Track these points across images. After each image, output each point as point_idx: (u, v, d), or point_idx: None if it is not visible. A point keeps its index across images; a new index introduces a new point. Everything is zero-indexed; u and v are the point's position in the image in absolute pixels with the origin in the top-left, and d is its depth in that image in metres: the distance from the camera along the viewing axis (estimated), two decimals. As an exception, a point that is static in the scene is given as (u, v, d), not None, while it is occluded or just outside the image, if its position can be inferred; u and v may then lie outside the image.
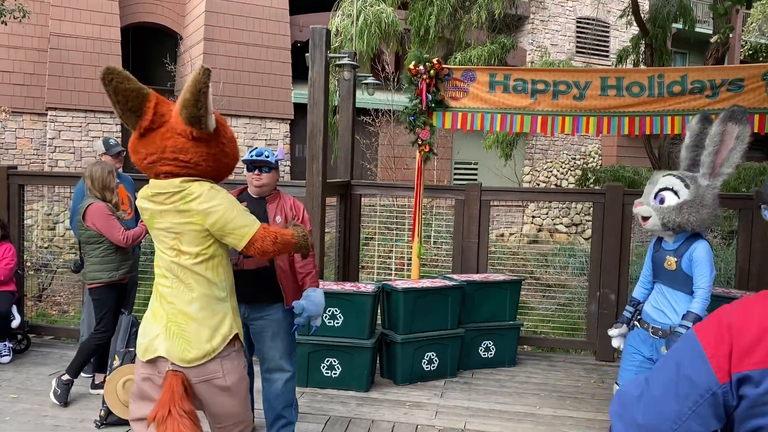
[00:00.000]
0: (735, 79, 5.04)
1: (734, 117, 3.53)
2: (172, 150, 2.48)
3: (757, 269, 5.44)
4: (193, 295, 2.54)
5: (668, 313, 3.55)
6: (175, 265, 2.55)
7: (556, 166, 17.05)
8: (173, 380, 2.48)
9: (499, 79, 5.41)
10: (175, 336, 2.53)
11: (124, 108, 2.44)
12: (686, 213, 3.45)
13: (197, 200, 2.49)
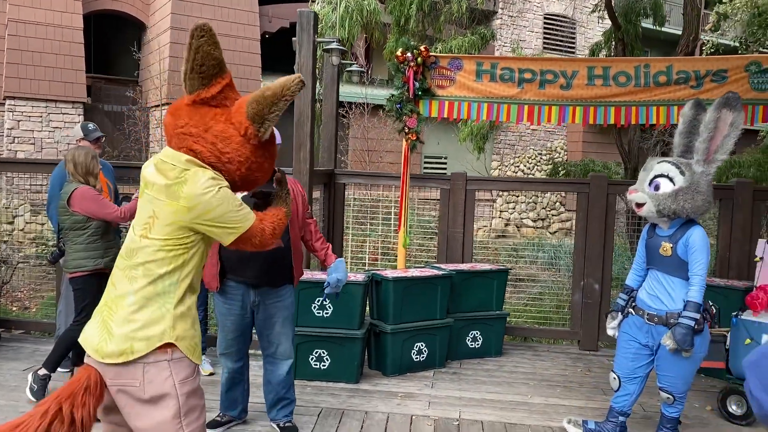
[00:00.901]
0: (719, 70, 5.11)
1: (729, 103, 3.55)
2: (217, 134, 2.26)
3: (737, 259, 5.54)
4: (134, 286, 2.23)
5: (664, 299, 3.56)
6: (136, 248, 2.27)
7: (524, 161, 17.20)
8: (82, 374, 2.19)
9: (486, 68, 5.37)
10: (101, 322, 2.24)
11: (195, 69, 2.22)
12: (681, 200, 3.46)
13: (189, 186, 2.23)
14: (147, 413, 2.20)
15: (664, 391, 3.64)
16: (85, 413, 2.11)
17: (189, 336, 2.29)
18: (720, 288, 5.03)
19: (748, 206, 5.50)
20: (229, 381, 3.70)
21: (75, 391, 2.12)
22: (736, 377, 4.18)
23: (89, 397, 2.15)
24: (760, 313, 4.14)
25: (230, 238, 2.30)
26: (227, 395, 3.75)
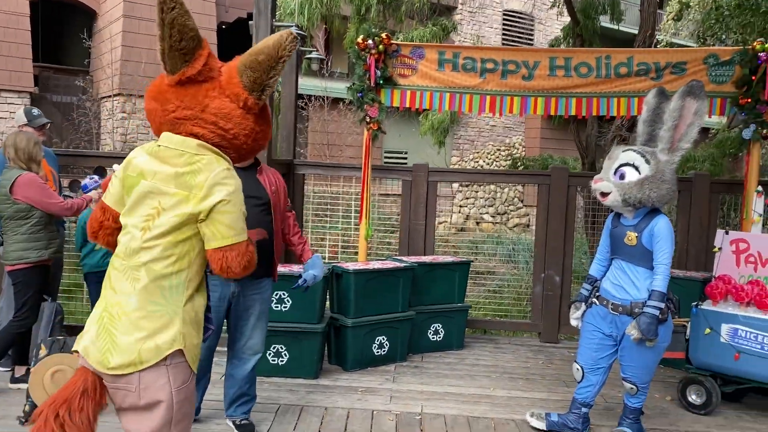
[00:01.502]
0: (678, 62, 5.14)
1: (693, 92, 3.54)
2: (215, 112, 2.09)
3: (695, 250, 5.60)
4: (138, 289, 2.06)
5: (628, 289, 3.54)
6: (137, 247, 2.08)
7: (483, 156, 17.28)
8: (78, 377, 2.05)
9: (448, 57, 5.29)
10: (103, 330, 2.06)
11: (174, 46, 2.03)
12: (647, 189, 3.43)
13: (203, 175, 2.05)
14: (140, 419, 2.08)
15: (627, 381, 3.62)
16: (83, 418, 1.99)
17: (195, 343, 2.15)
18: (679, 279, 5.07)
19: (705, 198, 5.56)
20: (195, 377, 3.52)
21: (71, 396, 1.99)
22: (696, 367, 4.20)
23: (87, 401, 2.01)
24: (720, 302, 4.16)
25: (217, 243, 2.08)
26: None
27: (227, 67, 2.13)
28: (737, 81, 5.02)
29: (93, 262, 4.72)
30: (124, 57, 11.82)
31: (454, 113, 12.27)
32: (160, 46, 2.05)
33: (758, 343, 3.89)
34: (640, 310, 3.43)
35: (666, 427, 3.93)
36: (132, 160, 2.14)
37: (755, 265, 4.21)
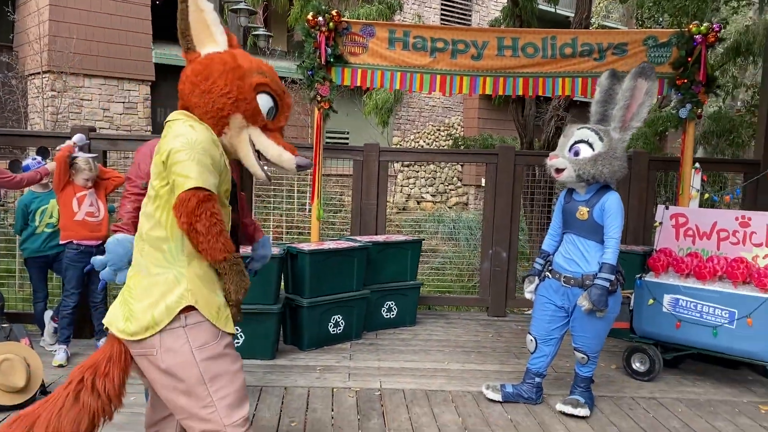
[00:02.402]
0: (619, 44, 5.31)
1: (644, 73, 3.68)
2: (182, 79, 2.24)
3: (634, 225, 5.85)
4: (144, 257, 2.16)
5: (579, 262, 3.68)
6: (143, 217, 2.20)
7: (424, 137, 17.40)
8: (107, 344, 2.16)
9: (398, 36, 5.29)
10: (122, 302, 2.17)
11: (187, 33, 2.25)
12: (600, 165, 3.56)
13: (170, 134, 2.11)
14: (168, 382, 2.13)
15: (579, 351, 3.78)
16: (108, 383, 2.10)
17: (209, 299, 2.17)
18: (620, 253, 5.28)
19: (644, 175, 5.80)
20: None
21: (99, 362, 2.11)
22: (640, 336, 4.42)
23: (112, 367, 2.12)
24: (662, 274, 4.38)
25: (176, 192, 2.05)
26: None
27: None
28: (674, 62, 5.23)
29: (34, 246, 4.53)
30: (53, 32, 11.20)
31: (399, 92, 12.28)
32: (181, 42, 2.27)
33: (698, 311, 4.12)
34: (591, 283, 3.58)
35: (613, 394, 4.13)
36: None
37: (693, 238, 4.44)
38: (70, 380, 2.09)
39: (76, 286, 4.39)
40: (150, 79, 12.46)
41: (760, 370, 4.44)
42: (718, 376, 4.52)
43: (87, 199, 4.37)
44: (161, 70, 12.51)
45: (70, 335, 4.43)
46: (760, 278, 3.96)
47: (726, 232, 4.33)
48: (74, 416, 2.05)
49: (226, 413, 2.15)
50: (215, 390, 2.14)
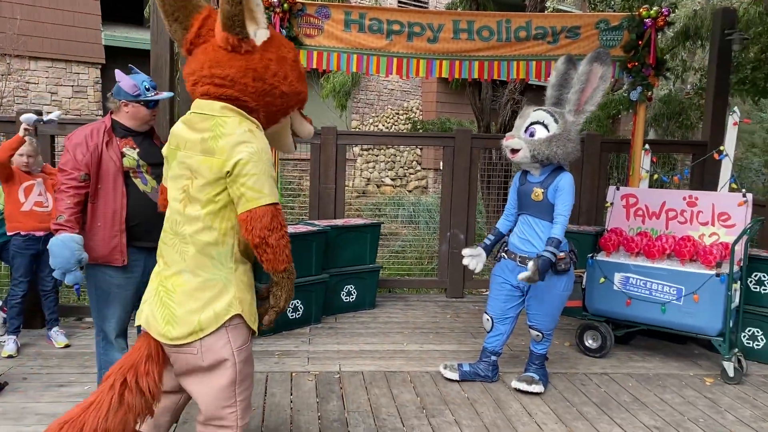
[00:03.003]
0: (572, 27, 5.38)
1: (600, 58, 3.76)
2: (210, 65, 2.11)
3: (587, 206, 5.98)
4: (188, 261, 2.13)
5: (534, 242, 3.75)
6: (179, 216, 2.14)
7: (383, 120, 17.38)
8: (142, 343, 2.16)
9: (354, 18, 5.25)
10: (161, 304, 2.15)
11: (169, 18, 2.13)
12: (555, 146, 3.63)
13: (227, 138, 2.06)
14: (205, 379, 2.17)
15: (533, 329, 3.86)
16: (150, 381, 2.11)
17: (250, 303, 2.24)
18: (573, 233, 5.40)
19: (596, 156, 5.93)
20: None
21: (138, 361, 2.11)
22: (592, 314, 4.53)
23: (152, 365, 2.13)
24: (613, 253, 4.49)
25: (248, 206, 2.07)
26: None
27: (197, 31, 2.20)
28: (625, 45, 5.33)
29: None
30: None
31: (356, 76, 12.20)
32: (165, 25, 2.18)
33: (647, 289, 4.24)
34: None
35: (566, 370, 4.24)
36: (173, 132, 2.21)
37: (643, 217, 4.57)
38: (112, 383, 2.08)
39: (25, 274, 4.27)
40: (100, 62, 12.10)
41: (706, 344, 4.61)
42: (666, 351, 4.68)
43: (36, 189, 4.24)
44: (111, 52, 12.16)
45: (19, 325, 4.31)
46: (706, 256, 4.10)
47: (674, 211, 4.47)
48: (121, 417, 2.07)
49: (242, 415, 2.23)
50: (240, 391, 2.21)
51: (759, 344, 4.46)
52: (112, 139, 3.00)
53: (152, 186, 3.06)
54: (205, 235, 2.12)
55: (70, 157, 2.93)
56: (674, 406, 3.72)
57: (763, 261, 4.40)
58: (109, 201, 2.95)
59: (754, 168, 13.37)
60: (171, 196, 2.20)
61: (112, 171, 2.95)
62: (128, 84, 3.03)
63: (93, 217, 2.96)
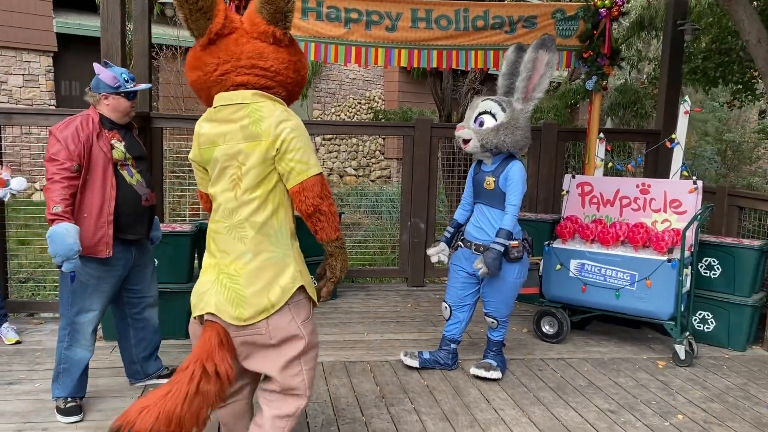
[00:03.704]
0: (529, 16, 5.42)
1: (545, 45, 3.79)
2: (250, 56, 2.19)
3: (544, 194, 6.05)
4: (248, 244, 2.22)
5: (488, 231, 3.78)
6: (233, 203, 2.21)
7: (345, 110, 17.30)
8: (210, 332, 2.22)
9: (311, 6, 5.19)
10: (226, 290, 2.22)
11: (193, 8, 2.10)
12: (502, 135, 3.66)
13: (268, 120, 2.18)
14: (274, 355, 2.28)
15: (489, 316, 3.90)
16: (227, 367, 2.19)
17: (308, 276, 2.38)
18: (531, 221, 5.48)
19: (553, 145, 6.00)
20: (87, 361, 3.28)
21: (212, 350, 2.16)
22: (549, 300, 4.60)
23: (224, 352, 2.20)
24: (568, 241, 4.56)
25: (299, 178, 2.21)
26: (83, 377, 3.29)
27: (246, 15, 2.25)
28: (581, 35, 5.40)
29: None
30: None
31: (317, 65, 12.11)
32: (181, 14, 2.14)
33: (601, 275, 4.33)
34: None
35: (524, 356, 4.30)
36: (199, 133, 2.27)
37: (598, 205, 4.65)
38: (192, 372, 2.12)
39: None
40: (52, 50, 11.75)
41: (659, 329, 4.72)
42: (621, 335, 4.79)
43: None
44: (64, 40, 11.81)
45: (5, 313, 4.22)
46: (658, 242, 4.19)
47: (628, 199, 4.56)
48: (196, 406, 2.12)
49: (309, 384, 2.38)
50: (306, 361, 2.35)
51: (709, 327, 4.59)
52: (102, 131, 3.07)
53: (137, 179, 3.18)
54: (261, 215, 2.22)
55: (62, 147, 2.93)
56: (627, 389, 3.81)
57: (713, 246, 4.53)
58: (97, 192, 3.01)
59: (707, 156, 13.74)
60: (220, 189, 2.26)
61: (102, 162, 3.02)
62: (108, 76, 3.06)
63: (80, 208, 3.00)
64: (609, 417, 3.43)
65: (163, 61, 11.24)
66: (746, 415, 3.53)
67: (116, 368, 3.81)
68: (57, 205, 2.85)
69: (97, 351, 4.04)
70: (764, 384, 3.97)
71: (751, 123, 16.60)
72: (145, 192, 3.22)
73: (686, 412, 3.53)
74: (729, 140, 13.78)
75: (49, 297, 5.36)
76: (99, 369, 3.80)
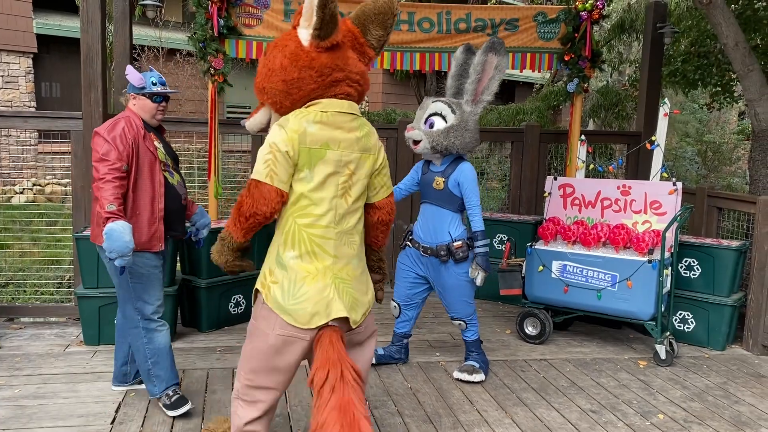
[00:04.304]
0: (511, 19, 5.45)
1: (494, 48, 3.82)
2: (357, 72, 2.34)
3: (527, 195, 6.09)
4: (356, 250, 2.37)
5: (435, 233, 3.81)
6: (343, 212, 2.29)
7: (329, 111, 17.29)
8: (334, 337, 2.21)
9: (294, 8, 5.17)
10: (345, 294, 2.30)
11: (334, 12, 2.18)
12: (452, 137, 3.69)
13: (374, 136, 2.38)
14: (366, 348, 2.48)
15: (455, 319, 3.95)
16: (357, 368, 2.21)
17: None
18: (513, 222, 5.51)
19: (535, 147, 6.04)
20: (170, 341, 3.36)
21: (342, 356, 2.18)
22: (532, 301, 4.63)
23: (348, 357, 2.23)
24: (550, 242, 4.59)
25: (387, 192, 2.47)
26: (172, 363, 3.36)
27: (348, 31, 2.37)
28: (562, 38, 5.43)
29: None
30: None
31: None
32: (319, 15, 2.15)
33: (583, 276, 4.36)
34: (445, 252, 3.75)
35: (507, 357, 4.32)
36: (305, 132, 2.20)
37: (580, 207, 4.68)
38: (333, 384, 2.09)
39: None
40: (32, 51, 11.61)
41: (640, 329, 4.78)
42: (603, 336, 4.83)
43: None
44: (44, 41, 11.69)
45: None
46: (639, 243, 4.23)
47: (609, 200, 4.60)
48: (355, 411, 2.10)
49: None
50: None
51: (689, 327, 4.64)
52: (146, 133, 3.18)
53: (177, 179, 3.32)
54: (361, 224, 2.40)
55: (112, 147, 3.00)
56: (609, 389, 3.84)
57: (693, 247, 4.59)
58: (147, 190, 3.12)
59: (688, 157, 13.88)
60: (328, 194, 2.26)
61: (148, 162, 3.12)
62: (135, 77, 3.19)
63: (134, 206, 3.11)
64: (591, 417, 3.46)
65: (145, 62, 11.15)
66: (725, 413, 3.57)
67: (96, 373, 3.78)
68: (111, 204, 2.92)
69: (76, 356, 4.03)
70: (743, 383, 4.02)
71: (731, 124, 16.82)
72: (183, 192, 3.35)
73: (667, 411, 3.57)
74: (709, 141, 13.93)
75: (29, 301, 5.29)
76: (78, 374, 3.76)
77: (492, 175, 8.71)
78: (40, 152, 10.36)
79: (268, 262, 2.38)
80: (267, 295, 2.30)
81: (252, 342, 2.36)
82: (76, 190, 4.58)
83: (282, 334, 2.25)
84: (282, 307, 2.24)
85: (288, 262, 2.27)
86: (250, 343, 2.37)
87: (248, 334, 2.42)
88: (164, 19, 11.24)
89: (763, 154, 5.60)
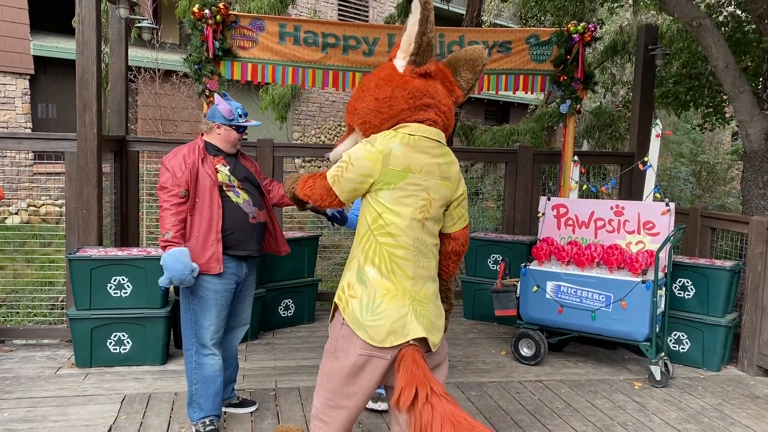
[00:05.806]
0: (504, 42, 5.50)
1: None
2: (446, 103, 2.42)
3: (521, 216, 6.10)
4: (432, 272, 2.41)
5: None
6: (422, 233, 2.32)
7: (325, 132, 17.35)
8: (417, 355, 2.21)
9: (289, 30, 5.22)
10: (422, 317, 2.30)
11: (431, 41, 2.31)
12: None
13: (456, 167, 2.42)
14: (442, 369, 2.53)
15: None
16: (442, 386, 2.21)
17: None
18: (508, 243, 5.51)
19: (529, 168, 6.06)
20: (220, 371, 3.34)
21: (424, 374, 2.16)
22: (526, 322, 4.61)
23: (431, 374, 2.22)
24: (544, 262, 4.59)
25: (464, 223, 2.50)
26: (217, 395, 3.35)
27: (440, 70, 2.48)
28: (555, 60, 5.49)
29: None
30: None
31: (296, 88, 12.15)
32: (417, 41, 2.30)
33: (578, 297, 4.36)
34: None
35: (502, 379, 4.30)
36: (389, 153, 2.27)
37: (573, 227, 4.69)
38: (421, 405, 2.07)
39: None
40: (28, 72, 11.66)
41: (635, 349, 4.76)
42: (598, 356, 4.81)
43: None
44: (41, 62, 11.74)
45: None
46: (633, 263, 4.24)
47: (602, 220, 4.61)
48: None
49: None
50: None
51: (684, 347, 4.63)
52: (206, 157, 3.23)
53: (244, 198, 3.29)
54: (437, 249, 2.45)
55: (171, 176, 3.11)
56: (604, 411, 3.82)
57: (687, 267, 4.59)
58: (205, 213, 3.17)
59: (682, 177, 13.96)
60: (408, 214, 2.30)
61: (208, 185, 3.17)
62: (225, 108, 3.23)
63: (191, 229, 3.16)
64: (586, 439, 3.43)
65: (141, 84, 11.20)
66: (721, 435, 3.55)
67: (87, 396, 3.75)
68: (168, 232, 3.05)
69: (68, 379, 3.99)
70: (738, 404, 4.01)
71: (725, 144, 16.94)
72: (252, 210, 3.30)
73: (662, 433, 3.54)
74: (703, 161, 14.02)
75: (21, 323, 5.25)
76: (69, 397, 3.73)
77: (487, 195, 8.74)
78: (35, 173, 10.36)
79: (348, 276, 2.39)
80: (345, 309, 2.33)
81: (331, 361, 2.38)
82: (69, 211, 4.57)
83: (363, 354, 2.27)
84: (359, 323, 2.27)
85: (369, 277, 2.31)
86: (329, 362, 2.39)
87: (326, 353, 2.43)
88: (160, 40, 11.31)
89: (755, 175, 5.63)
